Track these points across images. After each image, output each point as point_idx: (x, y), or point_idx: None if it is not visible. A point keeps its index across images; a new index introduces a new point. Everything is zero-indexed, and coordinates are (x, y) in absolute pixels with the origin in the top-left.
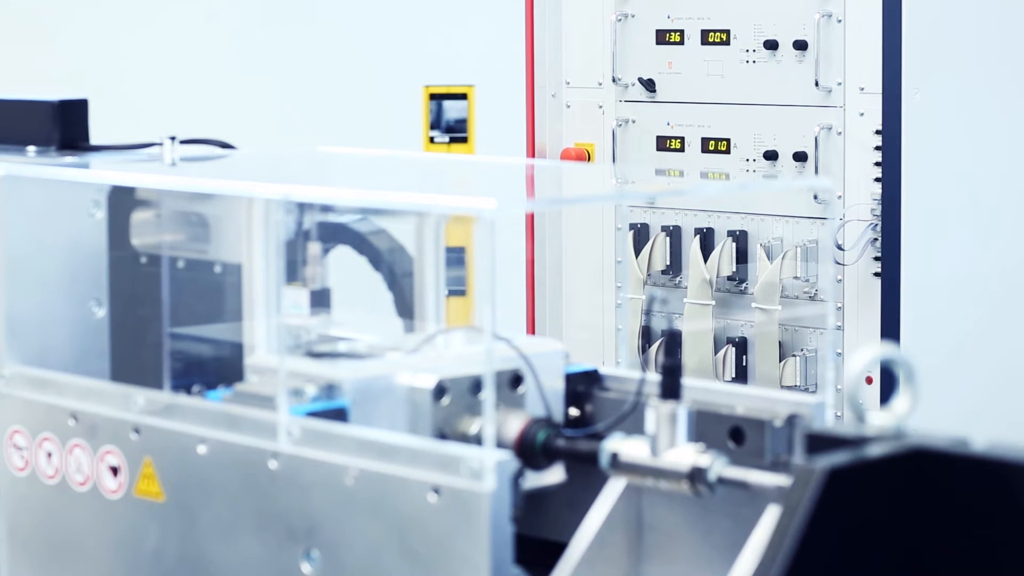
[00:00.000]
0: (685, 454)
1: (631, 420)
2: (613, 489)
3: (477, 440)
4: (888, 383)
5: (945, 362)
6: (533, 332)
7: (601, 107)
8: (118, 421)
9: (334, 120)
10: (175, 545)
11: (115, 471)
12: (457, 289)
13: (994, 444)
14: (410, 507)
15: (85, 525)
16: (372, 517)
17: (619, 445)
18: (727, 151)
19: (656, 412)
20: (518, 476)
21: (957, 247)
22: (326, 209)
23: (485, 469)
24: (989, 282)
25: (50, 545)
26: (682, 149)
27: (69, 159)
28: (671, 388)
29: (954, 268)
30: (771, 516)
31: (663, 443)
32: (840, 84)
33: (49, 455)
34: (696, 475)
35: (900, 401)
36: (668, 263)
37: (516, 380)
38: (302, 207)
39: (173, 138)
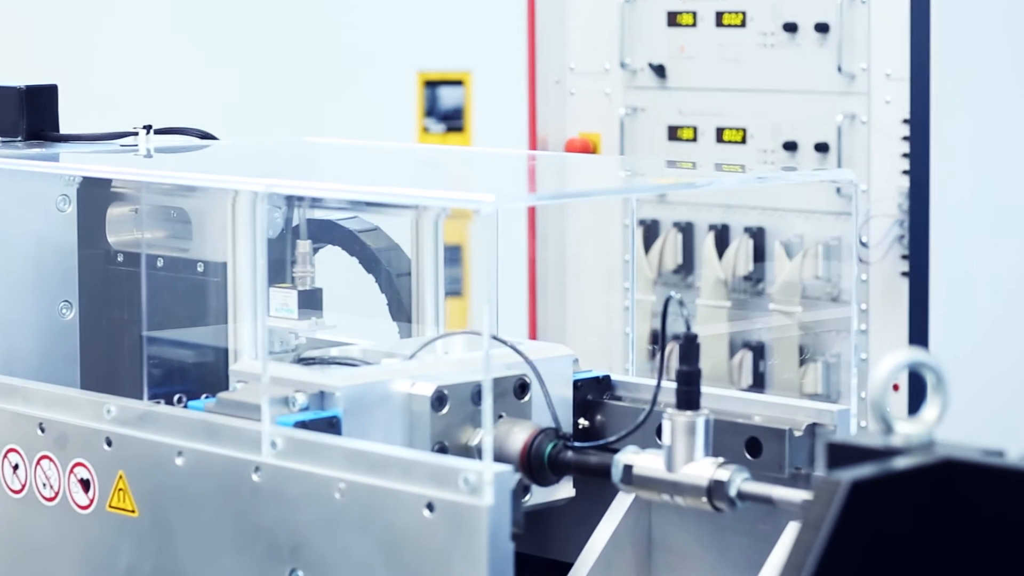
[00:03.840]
0: (703, 468)
1: (643, 432)
2: (621, 504)
3: (480, 452)
4: (916, 390)
5: (977, 367)
6: (534, 336)
7: (608, 95)
8: (89, 431)
9: (322, 109)
10: (150, 564)
11: (86, 485)
12: (452, 289)
13: None
14: (403, 523)
15: (54, 543)
16: (362, 534)
17: (633, 458)
18: (743, 141)
19: (672, 423)
20: (520, 491)
21: (989, 244)
22: (314, 203)
23: (483, 482)
24: (1023, 281)
25: (16, 564)
26: (695, 139)
27: (36, 150)
28: (689, 397)
29: (986, 267)
30: (791, 533)
31: (680, 456)
32: (864, 69)
33: (15, 468)
34: (715, 490)
35: (929, 409)
36: (680, 262)
37: (522, 388)
38: (289, 201)
39: (148, 127)
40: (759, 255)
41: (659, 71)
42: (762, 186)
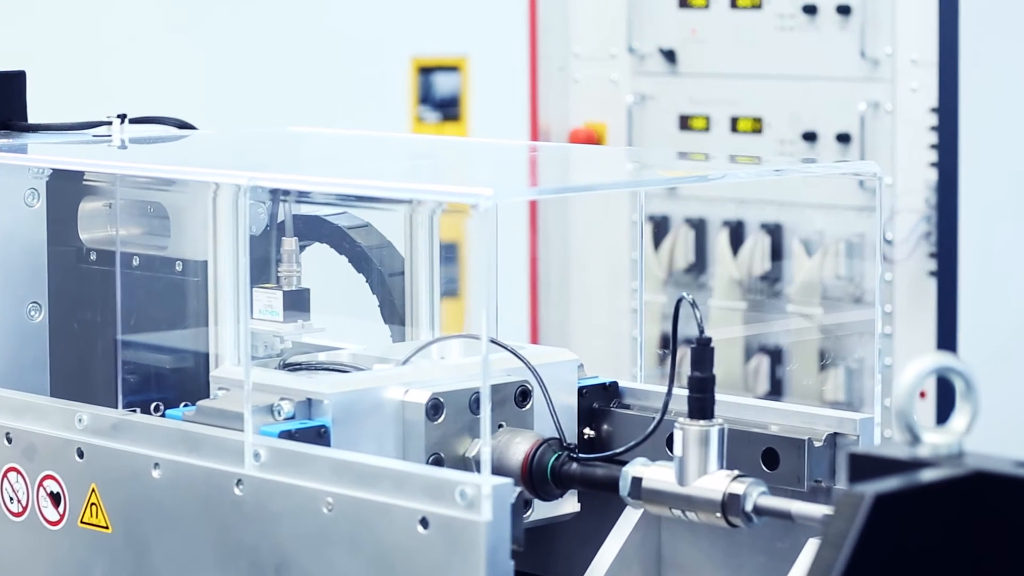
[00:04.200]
0: (717, 481)
1: (652, 442)
2: (628, 520)
3: (478, 464)
4: (944, 398)
5: (1009, 373)
6: (536, 339)
7: (614, 81)
8: (59, 441)
9: (308, 96)
10: None
11: (56, 499)
12: (448, 290)
13: None
14: (395, 540)
15: (21, 560)
16: (351, 551)
17: (642, 470)
18: (759, 131)
19: (684, 433)
20: (521, 505)
21: (1022, 241)
22: (301, 198)
23: (480, 496)
24: None
25: None
26: (707, 129)
27: (3, 140)
28: (702, 405)
29: (1019, 265)
30: (810, 551)
31: (692, 468)
32: (889, 55)
33: None
34: (730, 505)
35: (958, 418)
36: (691, 260)
37: (524, 395)
38: (274, 195)
39: (123, 116)
40: (776, 253)
41: (669, 56)
42: (779, 179)
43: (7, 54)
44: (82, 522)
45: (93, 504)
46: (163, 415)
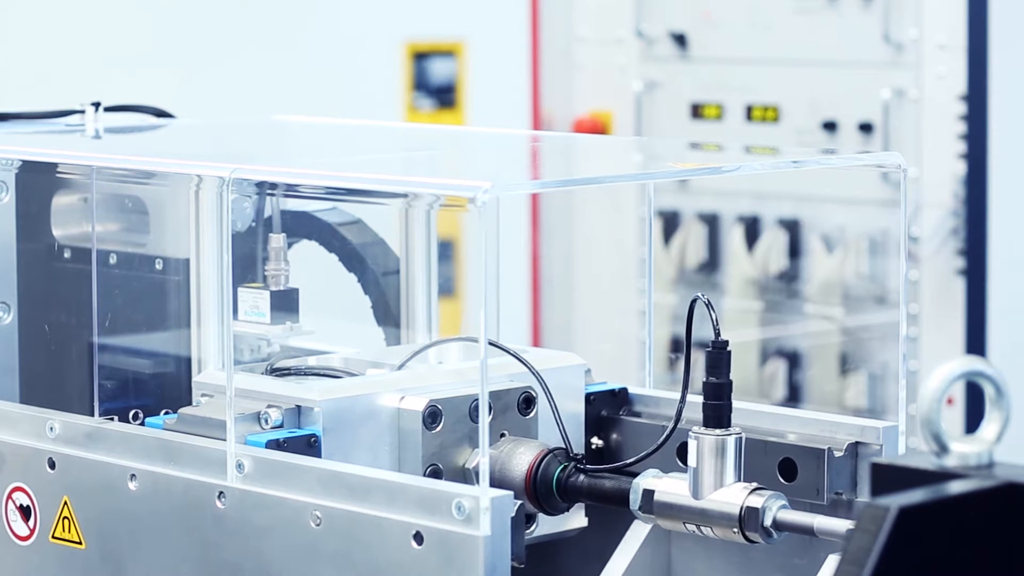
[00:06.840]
0: (734, 494)
1: (663, 452)
2: (636, 534)
3: (478, 476)
4: (973, 405)
5: None
6: (538, 342)
7: (621, 67)
8: (30, 451)
9: (294, 83)
10: None
11: (26, 512)
12: (445, 289)
13: None
14: (387, 556)
15: None
16: (340, 569)
17: (654, 482)
18: (776, 120)
19: (699, 443)
20: (522, 519)
21: None
22: (288, 192)
23: (479, 510)
24: None
25: None
26: (721, 118)
27: None
28: (718, 413)
29: None
30: (830, 568)
31: (707, 481)
32: (915, 39)
33: None
34: (748, 519)
35: (988, 426)
36: (704, 258)
37: (527, 402)
38: (260, 189)
39: (97, 104)
40: (794, 250)
41: (680, 40)
42: (797, 171)
43: None
44: (54, 537)
45: (65, 518)
46: (143, 423)
